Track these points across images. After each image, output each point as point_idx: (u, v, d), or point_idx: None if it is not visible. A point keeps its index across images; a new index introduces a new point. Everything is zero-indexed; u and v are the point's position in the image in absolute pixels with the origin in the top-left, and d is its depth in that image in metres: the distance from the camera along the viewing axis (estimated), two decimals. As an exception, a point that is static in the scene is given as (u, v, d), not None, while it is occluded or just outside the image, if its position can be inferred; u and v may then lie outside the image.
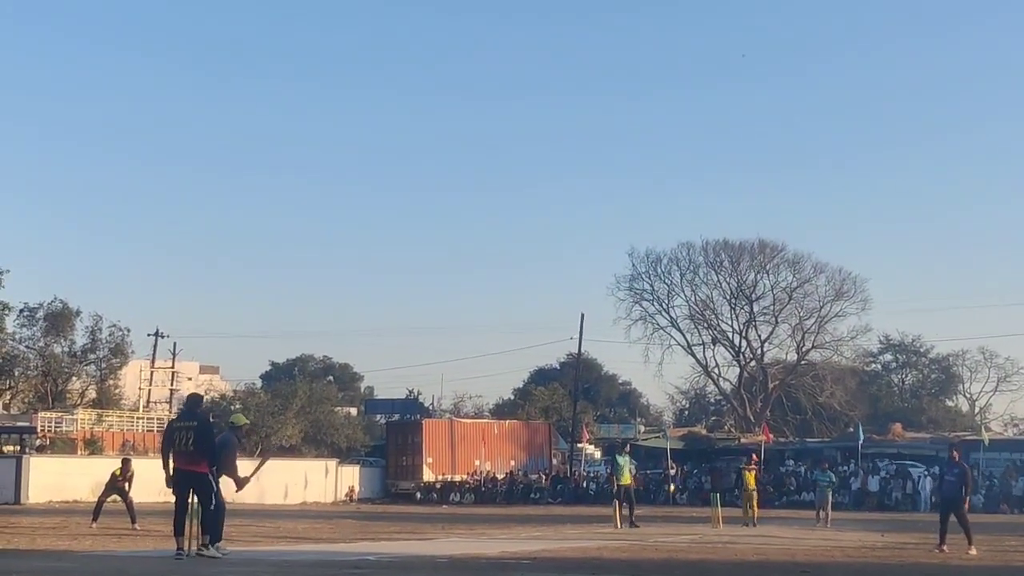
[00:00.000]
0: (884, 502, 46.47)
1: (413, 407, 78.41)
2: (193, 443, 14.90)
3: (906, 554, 19.13)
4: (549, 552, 17.78)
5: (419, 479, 54.29)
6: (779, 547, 20.52)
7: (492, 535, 23.73)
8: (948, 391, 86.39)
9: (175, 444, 15.00)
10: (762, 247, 72.83)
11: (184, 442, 15.00)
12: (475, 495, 52.86)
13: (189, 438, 15.02)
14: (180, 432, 15.07)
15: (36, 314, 62.84)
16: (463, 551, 17.76)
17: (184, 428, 15.13)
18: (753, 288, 73.27)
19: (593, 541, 21.44)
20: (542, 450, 59.56)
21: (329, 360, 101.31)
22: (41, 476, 42.36)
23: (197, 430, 14.97)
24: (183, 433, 15.06)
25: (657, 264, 74.34)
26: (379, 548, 18.39)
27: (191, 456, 14.88)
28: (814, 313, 72.25)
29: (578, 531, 26.02)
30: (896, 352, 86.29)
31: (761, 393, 72.69)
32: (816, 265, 72.37)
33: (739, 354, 74.35)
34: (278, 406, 59.17)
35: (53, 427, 53.86)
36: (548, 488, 53.67)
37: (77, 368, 65.13)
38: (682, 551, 19.18)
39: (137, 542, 19.24)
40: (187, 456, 14.95)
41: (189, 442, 14.97)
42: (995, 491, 45.73)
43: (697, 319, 74.52)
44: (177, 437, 15.02)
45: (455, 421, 61.51)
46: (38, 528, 23.32)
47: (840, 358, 74.17)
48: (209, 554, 14.58)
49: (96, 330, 64.53)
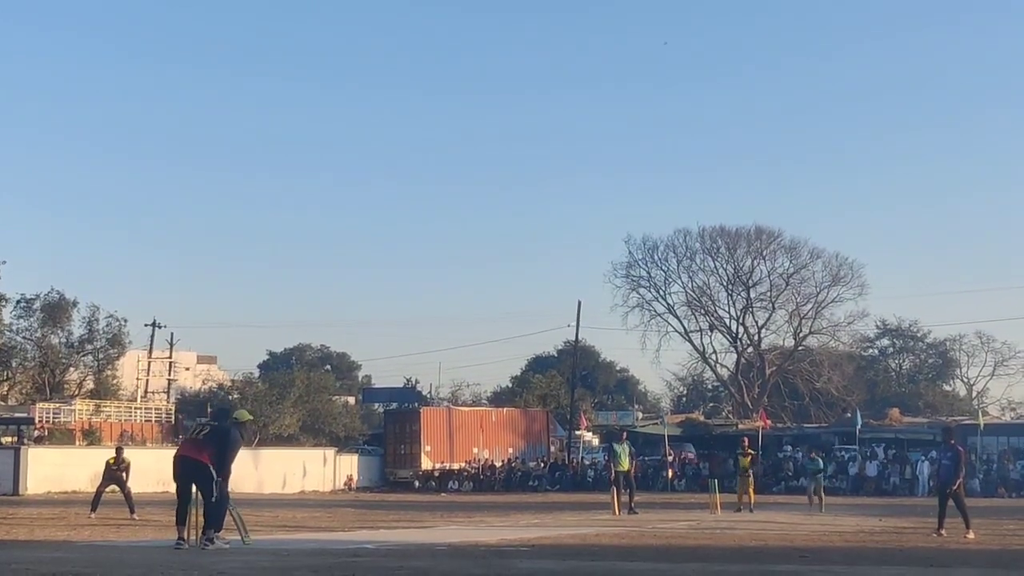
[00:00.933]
0: (882, 487, 46.57)
1: (411, 395, 78.57)
2: (206, 435, 15.01)
3: (904, 539, 19.16)
4: (548, 539, 17.81)
5: (417, 467, 54.32)
6: (777, 532, 20.56)
7: (491, 523, 23.77)
8: (945, 376, 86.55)
9: (188, 431, 15.11)
10: (759, 233, 72.96)
11: (197, 431, 15.11)
12: (473, 483, 52.91)
13: (203, 430, 15.16)
14: (198, 427, 15.21)
15: (33, 305, 62.92)
16: (462, 539, 17.79)
17: (205, 424, 15.44)
18: (750, 274, 73.42)
19: (591, 528, 21.47)
20: (540, 438, 59.59)
21: (327, 349, 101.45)
22: (40, 467, 42.40)
23: (215, 430, 15.11)
24: (200, 427, 15.26)
25: (654, 251, 74.51)
26: (378, 536, 18.41)
27: (198, 445, 14.94)
28: (811, 299, 72.45)
29: (576, 518, 26.05)
30: (893, 337, 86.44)
31: (759, 379, 72.81)
32: (813, 251, 72.59)
33: (736, 340, 74.49)
34: (276, 395, 59.26)
35: (51, 418, 53.94)
36: (546, 475, 53.74)
37: (75, 359, 65.19)
38: (680, 537, 19.20)
39: (136, 532, 19.25)
40: (194, 444, 15.04)
41: (201, 432, 15.09)
42: (992, 475, 45.84)
43: (694, 306, 74.67)
44: (194, 427, 15.12)
45: (453, 409, 61.54)
46: (37, 519, 23.33)
47: (837, 343, 74.37)
48: (214, 546, 14.57)
49: (93, 321, 64.67)
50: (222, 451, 14.88)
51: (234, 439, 15.30)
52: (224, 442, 14.98)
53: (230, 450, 15.08)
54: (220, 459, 14.83)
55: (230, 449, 15.08)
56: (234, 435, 15.39)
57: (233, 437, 15.30)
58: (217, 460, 14.79)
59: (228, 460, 15.03)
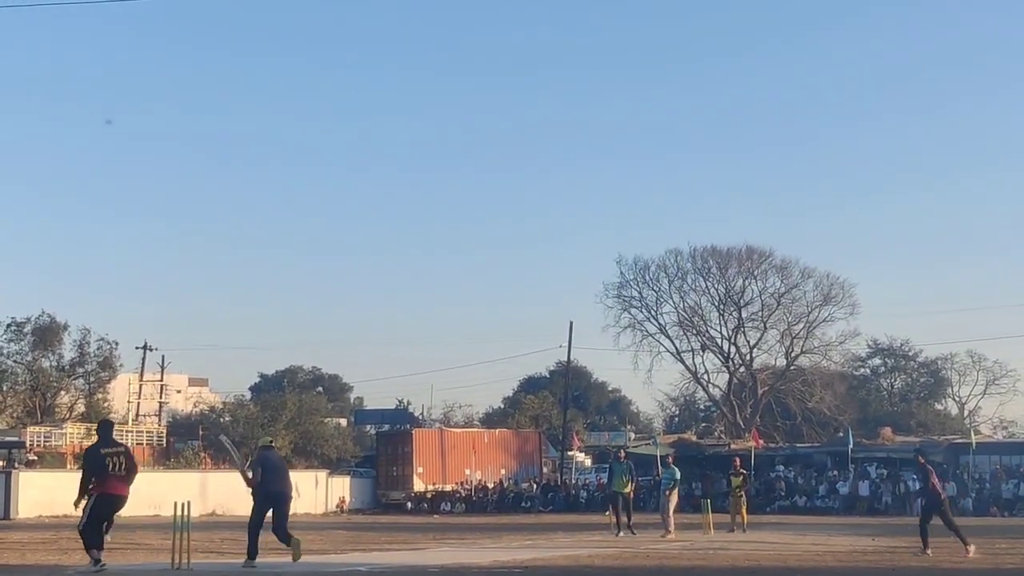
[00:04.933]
0: (874, 506, 46.56)
1: (403, 417, 78.36)
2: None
3: (897, 558, 19.18)
4: (541, 560, 17.79)
5: (410, 489, 54.24)
6: (770, 553, 20.56)
7: (483, 544, 23.73)
8: (937, 394, 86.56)
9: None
10: (750, 253, 72.98)
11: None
12: (466, 504, 52.81)
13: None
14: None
15: (24, 328, 62.79)
16: (454, 560, 17.77)
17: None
18: (741, 294, 73.39)
19: (585, 549, 21.44)
20: (532, 458, 59.54)
21: (318, 371, 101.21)
22: (31, 491, 42.26)
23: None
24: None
25: (645, 271, 74.41)
26: (370, 559, 18.38)
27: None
28: (802, 318, 72.39)
29: (570, 539, 26.00)
30: (885, 356, 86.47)
31: (751, 399, 72.76)
32: (804, 270, 72.54)
33: (728, 360, 74.44)
34: (268, 417, 59.17)
35: (42, 442, 53.73)
36: (539, 496, 53.65)
37: (66, 382, 65.02)
38: (673, 558, 19.18)
39: (128, 556, 19.19)
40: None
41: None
42: (985, 494, 45.83)
43: (686, 326, 74.60)
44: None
45: (445, 431, 61.46)
46: (28, 543, 23.24)
47: (829, 363, 74.24)
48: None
49: (84, 344, 64.53)
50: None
51: (267, 460, 16.35)
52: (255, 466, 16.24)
53: (266, 469, 16.18)
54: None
55: (265, 468, 16.19)
56: (266, 456, 16.48)
57: (264, 458, 16.38)
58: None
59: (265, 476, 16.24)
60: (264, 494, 16.05)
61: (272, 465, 16.37)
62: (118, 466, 15.11)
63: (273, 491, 16.07)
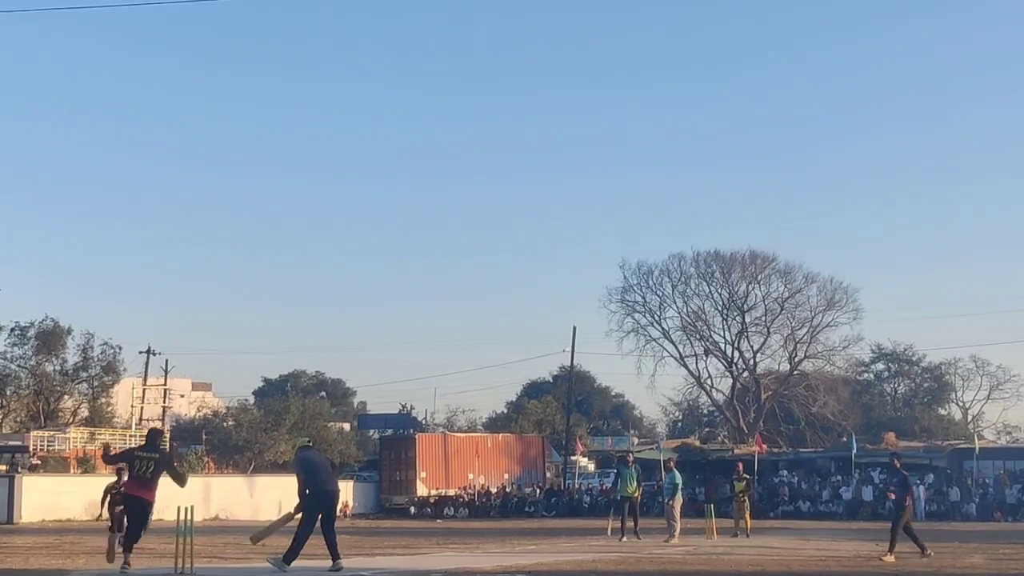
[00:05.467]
0: (878, 511, 46.47)
1: (406, 422, 78.39)
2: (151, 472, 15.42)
3: (901, 563, 19.14)
4: (544, 565, 17.77)
5: (413, 494, 54.23)
6: (774, 558, 20.52)
7: (487, 549, 23.70)
8: (941, 400, 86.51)
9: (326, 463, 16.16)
10: (753, 258, 72.95)
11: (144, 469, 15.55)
12: (469, 509, 52.80)
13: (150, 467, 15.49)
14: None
15: (27, 333, 62.90)
16: (458, 565, 17.75)
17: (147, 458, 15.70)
18: (745, 299, 73.37)
19: (588, 554, 21.42)
20: (536, 463, 59.52)
21: (322, 375, 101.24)
22: (34, 495, 42.26)
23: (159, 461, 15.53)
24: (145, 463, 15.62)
25: (648, 276, 74.42)
26: (374, 563, 18.36)
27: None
28: (806, 323, 72.33)
29: (573, 544, 25.99)
30: (888, 361, 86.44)
31: (754, 404, 72.68)
32: (807, 275, 72.51)
33: (731, 365, 74.40)
34: (271, 422, 59.18)
35: (46, 446, 53.75)
36: (542, 501, 53.63)
37: (69, 386, 65.07)
38: (677, 563, 19.16)
39: (131, 560, 19.13)
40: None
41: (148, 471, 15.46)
42: (989, 499, 45.77)
43: (689, 330, 74.56)
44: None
45: (448, 435, 61.47)
46: (32, 548, 23.23)
47: (832, 368, 74.17)
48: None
49: (88, 348, 64.61)
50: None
51: (311, 460, 15.90)
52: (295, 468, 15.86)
53: (313, 469, 15.70)
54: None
55: (312, 468, 15.71)
56: (309, 456, 15.98)
57: (308, 459, 15.91)
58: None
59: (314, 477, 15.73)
60: (315, 494, 15.38)
61: (316, 465, 15.68)
62: (144, 469, 15.12)
63: (324, 491, 15.48)
